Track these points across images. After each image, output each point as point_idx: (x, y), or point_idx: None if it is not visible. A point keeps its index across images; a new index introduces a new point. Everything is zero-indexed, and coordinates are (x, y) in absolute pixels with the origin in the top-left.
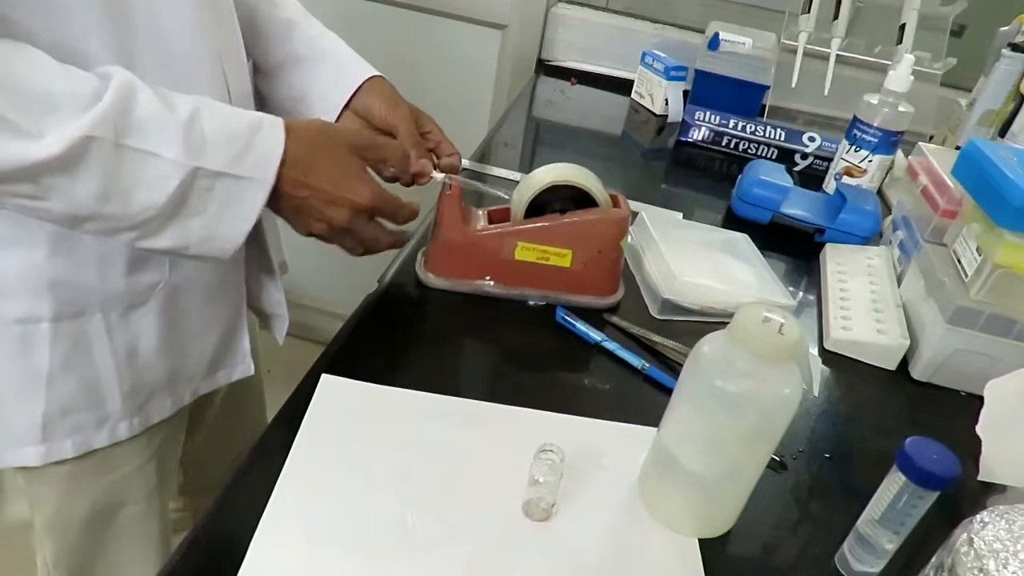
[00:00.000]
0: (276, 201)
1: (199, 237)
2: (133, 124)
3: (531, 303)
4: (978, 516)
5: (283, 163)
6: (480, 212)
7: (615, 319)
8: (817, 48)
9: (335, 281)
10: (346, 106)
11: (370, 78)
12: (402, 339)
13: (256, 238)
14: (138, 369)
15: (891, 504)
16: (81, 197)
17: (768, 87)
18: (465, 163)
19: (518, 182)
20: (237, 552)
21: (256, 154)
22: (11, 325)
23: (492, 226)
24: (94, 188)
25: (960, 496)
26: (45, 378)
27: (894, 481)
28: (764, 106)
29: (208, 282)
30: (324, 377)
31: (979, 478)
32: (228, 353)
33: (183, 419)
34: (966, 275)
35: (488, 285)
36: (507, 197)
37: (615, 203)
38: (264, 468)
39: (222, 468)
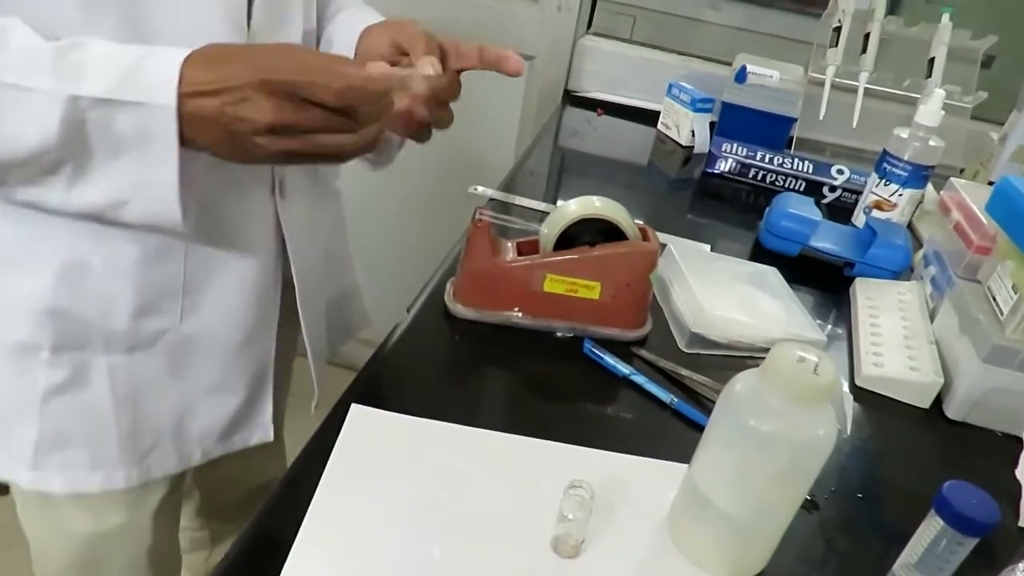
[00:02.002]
0: (194, 129)
1: (129, 184)
2: (3, 60)
3: (559, 335)
4: (1020, 564)
5: (183, 81)
6: (509, 244)
7: (643, 352)
8: (845, 81)
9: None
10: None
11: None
12: (430, 369)
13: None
14: (140, 414)
15: (929, 549)
16: None
17: (795, 119)
18: (492, 193)
19: (544, 212)
20: None
21: (148, 77)
22: (11, 347)
23: (521, 258)
24: None
25: (999, 542)
26: (39, 403)
27: (932, 525)
28: (791, 138)
29: (229, 339)
30: (354, 407)
31: (1020, 524)
32: (247, 418)
33: (189, 482)
34: (1002, 313)
35: (516, 316)
36: (538, 229)
37: (644, 236)
38: (294, 498)
39: (238, 493)
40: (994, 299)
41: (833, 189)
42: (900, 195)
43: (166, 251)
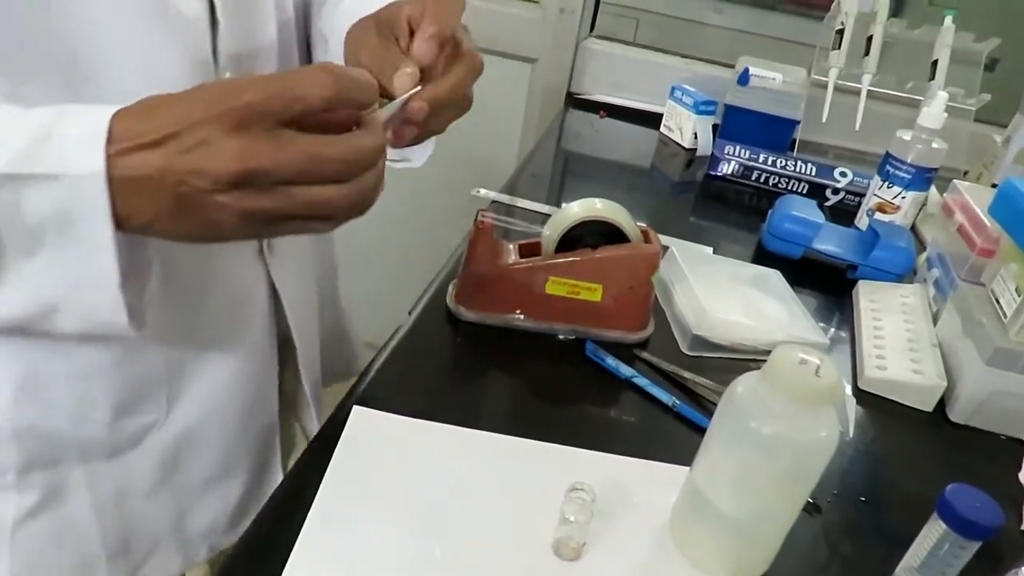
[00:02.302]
0: (131, 201)
1: (54, 286)
2: None
3: (561, 337)
4: (1023, 570)
5: (113, 138)
6: (511, 246)
7: (645, 354)
8: (848, 83)
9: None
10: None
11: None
12: (432, 372)
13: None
14: (130, 523)
15: (931, 552)
16: None
17: (798, 122)
18: (495, 195)
19: (547, 214)
20: None
21: (66, 140)
22: None
23: (523, 260)
24: None
25: (1002, 546)
26: (9, 533)
27: (934, 529)
28: (794, 140)
29: (227, 421)
30: (355, 409)
31: (1023, 527)
32: (257, 498)
33: None
34: (1005, 315)
35: (518, 319)
36: (540, 231)
37: (646, 238)
38: (295, 500)
39: None
40: (997, 302)
41: (836, 191)
42: (903, 198)
43: (140, 342)
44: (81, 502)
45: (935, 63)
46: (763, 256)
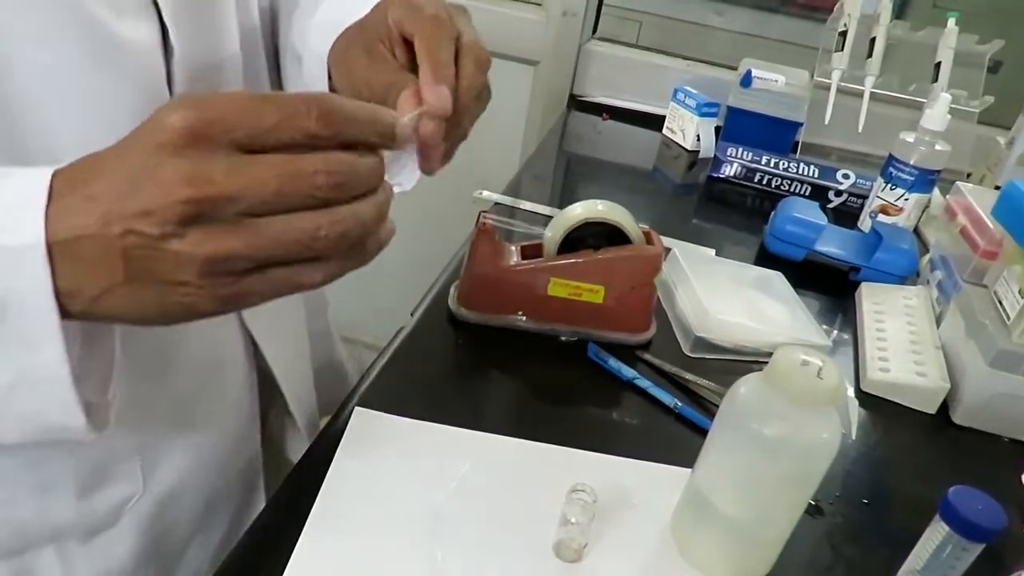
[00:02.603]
0: (79, 268)
1: None
2: None
3: (563, 339)
4: None
5: (52, 198)
6: (513, 247)
7: (647, 356)
8: (851, 85)
9: (368, 313)
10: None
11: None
12: (434, 373)
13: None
14: None
15: (934, 555)
16: None
17: (801, 124)
18: (497, 197)
19: (549, 216)
20: None
21: None
22: None
23: (525, 261)
24: None
25: (1005, 548)
26: None
27: (937, 531)
28: (797, 143)
29: (211, 475)
30: (357, 411)
31: None
32: (236, 535)
33: None
34: (1008, 317)
35: (520, 320)
36: (542, 232)
37: (648, 240)
38: (296, 501)
39: None
40: (1000, 304)
41: (839, 194)
42: (906, 199)
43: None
44: None
45: (938, 65)
46: (765, 258)
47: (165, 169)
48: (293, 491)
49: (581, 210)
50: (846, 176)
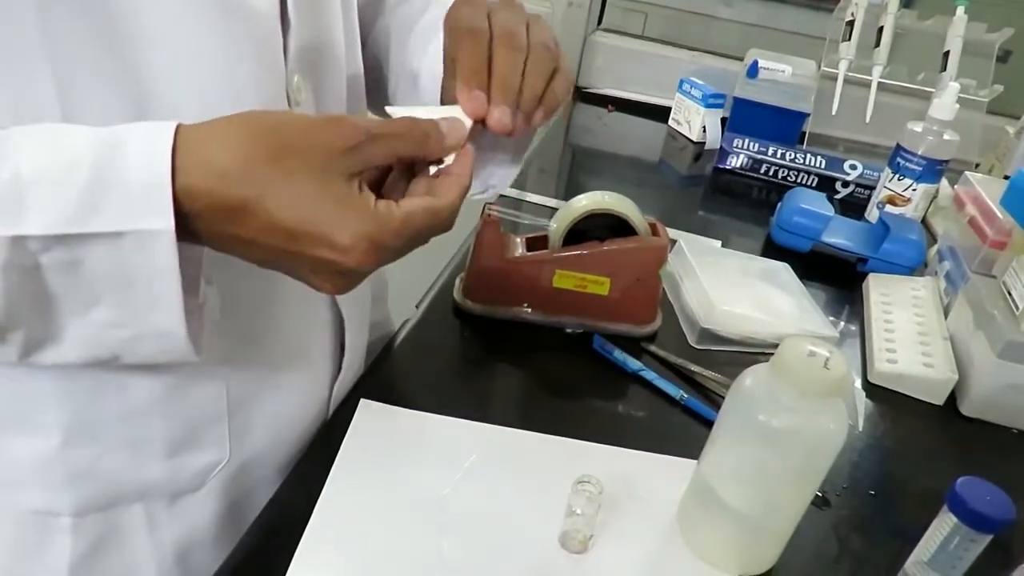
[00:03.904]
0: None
1: (113, 341)
2: None
3: (568, 331)
4: None
5: (178, 173)
6: (518, 239)
7: (653, 348)
8: (858, 75)
9: None
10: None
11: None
12: (439, 365)
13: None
14: (191, 571)
15: (941, 546)
16: None
17: (808, 115)
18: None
19: (555, 209)
20: None
21: (126, 189)
22: (25, 515)
23: (530, 253)
24: None
25: (1013, 539)
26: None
27: (944, 522)
28: (804, 133)
29: (287, 447)
30: (363, 402)
31: None
32: None
33: None
34: (1017, 308)
35: (526, 312)
36: (547, 224)
37: (654, 231)
38: (302, 492)
39: None
40: (1009, 294)
41: (846, 184)
42: (914, 190)
43: (202, 368)
44: (141, 548)
45: (947, 54)
46: (772, 249)
47: (343, 227)
48: (298, 482)
49: (586, 201)
50: (853, 167)
